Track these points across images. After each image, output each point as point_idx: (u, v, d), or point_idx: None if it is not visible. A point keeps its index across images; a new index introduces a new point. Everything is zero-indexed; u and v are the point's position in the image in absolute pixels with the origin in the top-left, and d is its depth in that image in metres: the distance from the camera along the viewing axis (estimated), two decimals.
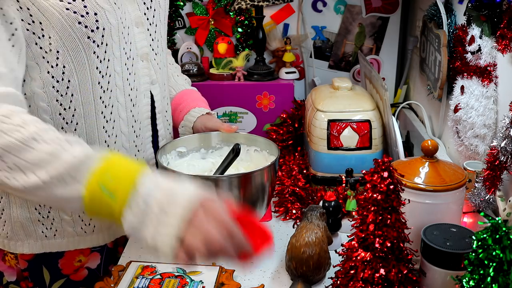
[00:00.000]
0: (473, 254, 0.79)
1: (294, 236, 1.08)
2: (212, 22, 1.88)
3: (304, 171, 1.44)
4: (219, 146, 1.33)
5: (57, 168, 0.85)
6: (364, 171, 0.95)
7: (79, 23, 1.02)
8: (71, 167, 0.85)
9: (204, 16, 1.87)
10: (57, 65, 1.04)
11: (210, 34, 1.89)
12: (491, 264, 0.77)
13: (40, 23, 1.00)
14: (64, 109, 1.09)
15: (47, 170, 0.85)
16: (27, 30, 0.99)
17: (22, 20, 0.98)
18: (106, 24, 1.06)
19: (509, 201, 1.10)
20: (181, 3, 1.86)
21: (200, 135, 1.33)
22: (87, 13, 1.03)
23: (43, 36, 1.01)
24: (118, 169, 0.87)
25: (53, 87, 1.06)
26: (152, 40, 1.22)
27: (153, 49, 1.22)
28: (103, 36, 1.06)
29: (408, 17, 1.94)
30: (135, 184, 0.85)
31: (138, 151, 1.23)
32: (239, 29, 1.87)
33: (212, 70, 1.86)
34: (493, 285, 0.77)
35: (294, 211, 1.33)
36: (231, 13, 1.86)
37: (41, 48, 1.02)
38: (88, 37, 1.04)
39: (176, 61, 1.81)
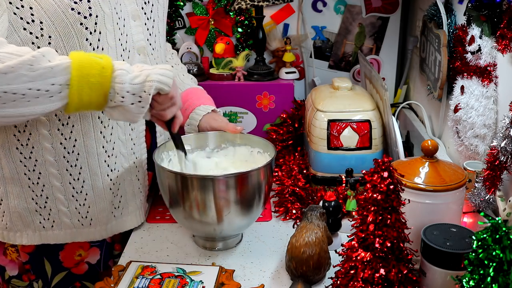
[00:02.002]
0: (473, 254, 0.79)
1: (294, 236, 1.08)
2: (212, 22, 1.88)
3: (304, 171, 1.44)
4: (224, 146, 1.33)
5: (34, 51, 0.93)
6: (364, 171, 0.95)
7: (72, 9, 1.04)
8: (47, 51, 0.95)
9: (204, 16, 1.87)
10: None
11: (210, 34, 1.89)
12: (491, 264, 0.77)
13: (31, 8, 1.01)
14: None
15: (27, 51, 0.93)
16: (14, 14, 1.00)
17: (10, 3, 0.99)
18: (99, 12, 1.07)
19: (509, 201, 1.10)
20: (181, 3, 1.85)
21: (199, 135, 1.33)
22: (80, 0, 1.04)
23: (33, 21, 1.02)
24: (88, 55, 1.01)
25: None
26: (150, 34, 1.23)
27: (150, 44, 1.23)
28: (96, 23, 1.07)
29: (408, 17, 1.94)
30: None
31: (134, 144, 1.24)
32: (239, 29, 1.87)
33: (212, 70, 1.86)
34: (493, 285, 0.77)
35: (294, 211, 1.33)
36: (231, 13, 1.86)
37: (31, 33, 1.03)
38: (81, 23, 1.05)
39: None
